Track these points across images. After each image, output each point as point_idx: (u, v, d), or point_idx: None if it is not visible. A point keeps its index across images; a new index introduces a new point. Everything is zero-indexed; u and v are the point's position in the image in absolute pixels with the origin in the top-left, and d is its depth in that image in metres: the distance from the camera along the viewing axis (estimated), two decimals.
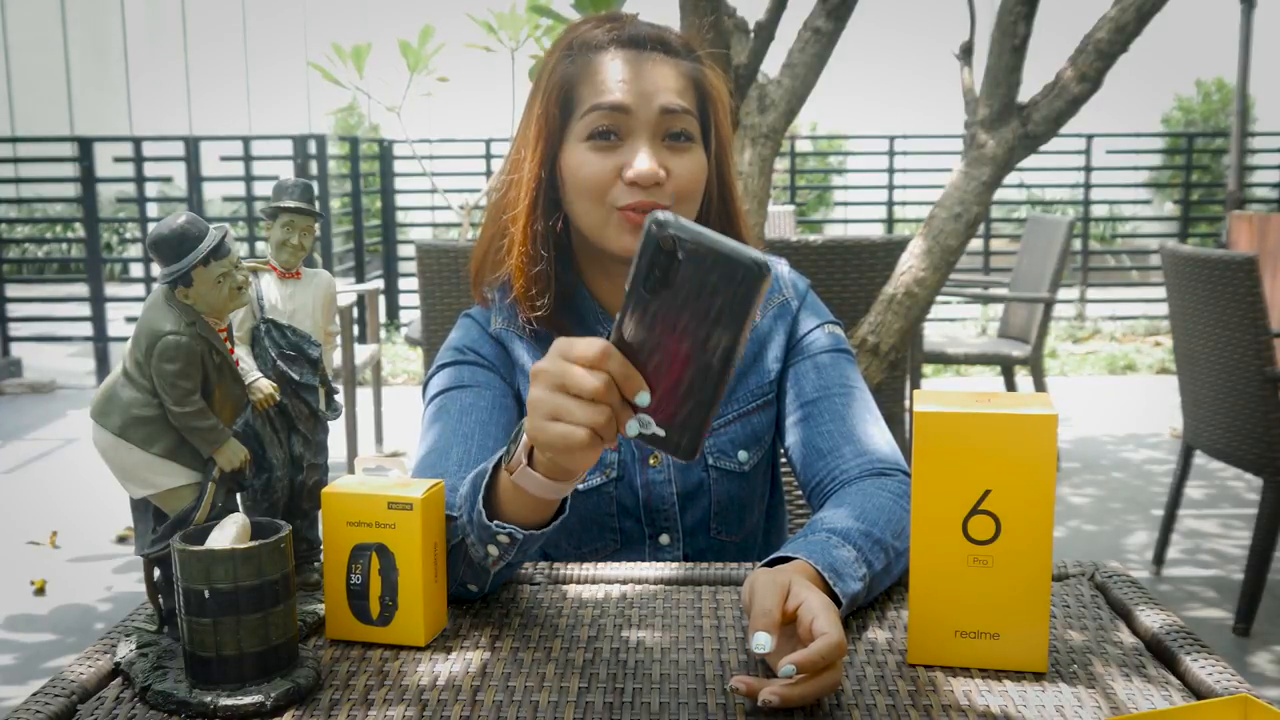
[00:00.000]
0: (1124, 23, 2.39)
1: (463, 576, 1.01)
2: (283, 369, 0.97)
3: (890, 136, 8.13)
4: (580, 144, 1.18)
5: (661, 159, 1.17)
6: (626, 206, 1.16)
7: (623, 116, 1.16)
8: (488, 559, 0.97)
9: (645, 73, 1.17)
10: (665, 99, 1.17)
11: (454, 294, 3.10)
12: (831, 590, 0.94)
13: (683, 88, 1.19)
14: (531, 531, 0.95)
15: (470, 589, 1.02)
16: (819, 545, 0.99)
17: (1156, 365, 6.80)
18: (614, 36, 1.19)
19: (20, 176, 7.93)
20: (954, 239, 2.51)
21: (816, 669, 0.81)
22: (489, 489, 0.96)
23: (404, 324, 7.83)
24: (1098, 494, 4.30)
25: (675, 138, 1.18)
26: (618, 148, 1.17)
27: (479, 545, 0.97)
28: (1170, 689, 0.85)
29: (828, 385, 1.25)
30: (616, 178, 1.16)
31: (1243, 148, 7.13)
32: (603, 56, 1.18)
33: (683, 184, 1.18)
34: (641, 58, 1.18)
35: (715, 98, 1.23)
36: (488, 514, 0.95)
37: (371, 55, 4.92)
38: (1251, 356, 2.83)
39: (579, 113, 1.18)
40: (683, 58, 1.21)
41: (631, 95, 1.16)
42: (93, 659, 0.90)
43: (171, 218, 0.85)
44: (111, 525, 3.93)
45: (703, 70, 1.22)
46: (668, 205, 1.18)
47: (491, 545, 0.96)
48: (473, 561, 0.99)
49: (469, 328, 1.29)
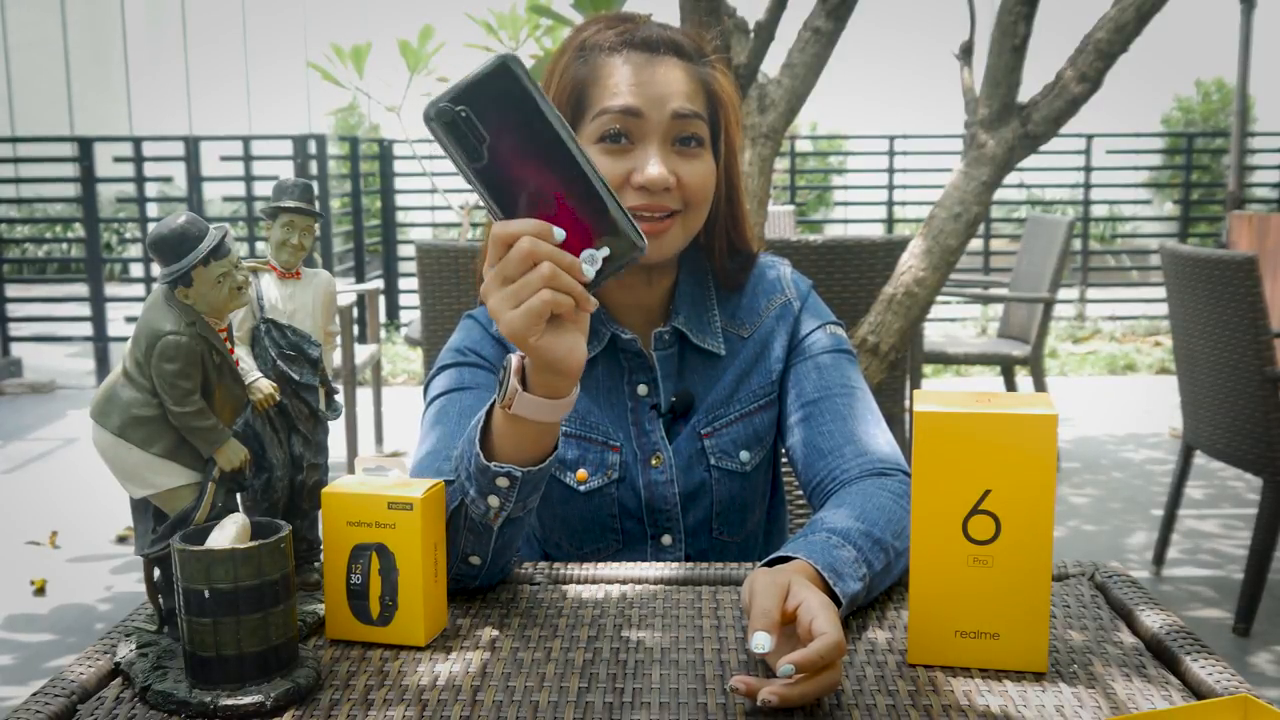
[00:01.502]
0: (1124, 23, 2.39)
1: (464, 548, 1.01)
2: (283, 369, 0.97)
3: (890, 136, 8.12)
4: (590, 146, 1.18)
5: (671, 164, 1.17)
6: (633, 208, 1.16)
7: (634, 120, 1.16)
8: (488, 513, 0.98)
9: (657, 76, 1.17)
10: (677, 103, 1.17)
11: (454, 294, 3.10)
12: (831, 590, 0.94)
13: (693, 92, 1.19)
14: (529, 469, 0.96)
15: (472, 562, 1.02)
16: (819, 545, 0.98)
17: (1156, 365, 6.80)
18: (626, 39, 1.19)
19: (20, 176, 7.93)
20: (954, 239, 2.51)
21: (815, 668, 0.81)
22: (484, 435, 0.97)
23: (404, 324, 7.83)
24: (1098, 494, 4.30)
25: (685, 142, 1.18)
26: (629, 151, 1.17)
27: (479, 499, 0.98)
28: (1170, 689, 0.85)
29: (829, 385, 1.25)
30: (625, 181, 1.17)
31: (1243, 148, 7.13)
32: (614, 59, 1.18)
33: (692, 190, 1.18)
34: (654, 61, 1.18)
35: (725, 102, 1.23)
36: (485, 457, 0.96)
37: (371, 55, 4.92)
38: (1251, 356, 2.83)
39: (590, 114, 1.18)
40: (694, 61, 1.21)
41: (643, 99, 1.16)
42: (93, 659, 0.90)
43: (171, 218, 0.85)
44: (111, 525, 3.93)
45: (714, 75, 1.22)
46: (676, 210, 1.18)
47: (492, 495, 0.97)
48: (474, 526, 0.99)
49: (471, 329, 1.29)
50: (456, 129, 0.83)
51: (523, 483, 0.97)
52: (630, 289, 1.25)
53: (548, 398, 0.93)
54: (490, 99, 0.83)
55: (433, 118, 0.83)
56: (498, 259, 0.87)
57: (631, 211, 1.16)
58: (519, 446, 0.96)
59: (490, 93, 0.83)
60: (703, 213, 1.21)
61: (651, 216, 1.17)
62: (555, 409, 0.93)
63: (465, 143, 0.83)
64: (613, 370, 1.26)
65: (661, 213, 1.17)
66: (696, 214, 1.21)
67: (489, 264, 0.89)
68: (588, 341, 1.25)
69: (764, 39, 2.43)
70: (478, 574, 1.04)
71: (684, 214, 1.19)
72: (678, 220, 1.19)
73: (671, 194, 1.17)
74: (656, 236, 1.18)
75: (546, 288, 0.86)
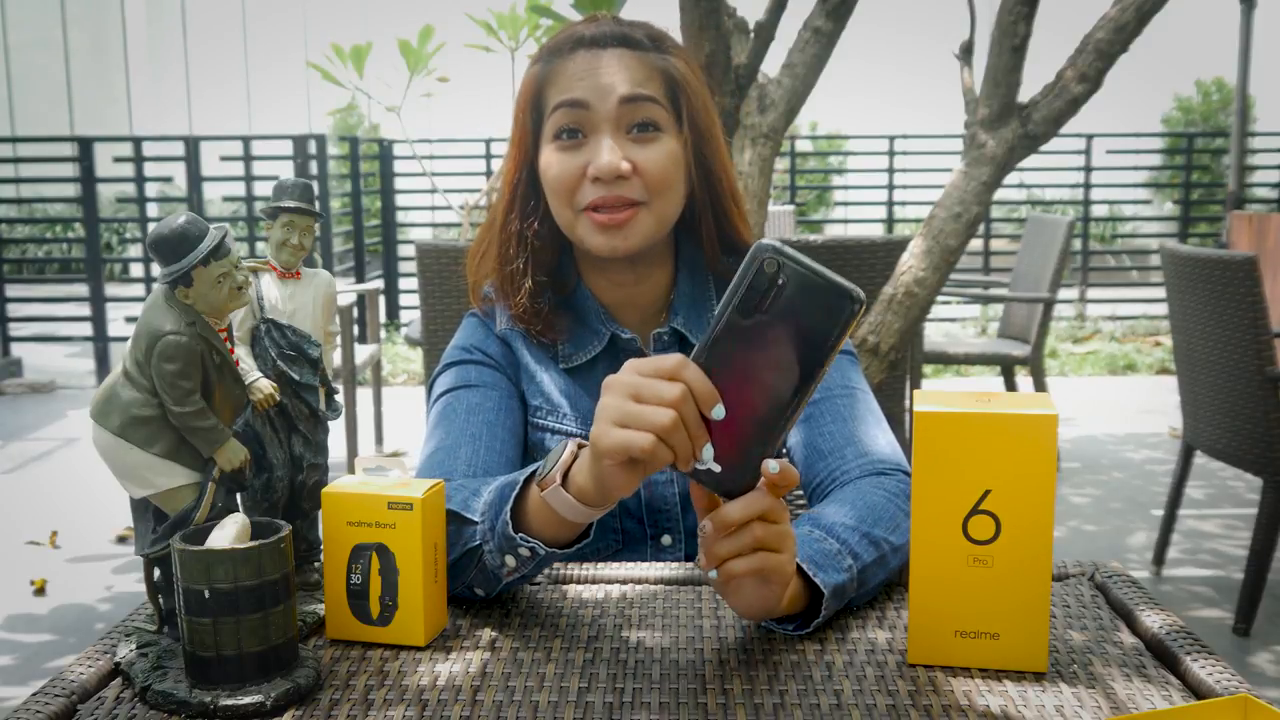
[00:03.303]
0: (1124, 23, 2.39)
1: (471, 581, 1.00)
2: (283, 369, 0.97)
3: (890, 136, 8.12)
4: (549, 145, 1.19)
5: (626, 151, 1.16)
6: (591, 205, 1.16)
7: (583, 112, 1.17)
8: (503, 569, 0.97)
9: (603, 67, 1.17)
10: (623, 89, 1.16)
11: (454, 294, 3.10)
12: (812, 582, 0.94)
13: (644, 77, 1.18)
14: (554, 550, 0.94)
15: (476, 592, 1.02)
16: (800, 539, 0.99)
17: (1156, 365, 6.80)
18: (580, 36, 1.20)
19: (20, 176, 7.93)
20: (954, 239, 2.51)
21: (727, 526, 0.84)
22: (516, 501, 0.95)
23: (404, 324, 7.83)
24: (1098, 494, 4.30)
25: (642, 128, 1.17)
26: (582, 145, 1.17)
27: (497, 554, 0.96)
28: (1170, 689, 0.85)
29: (830, 386, 1.24)
30: (583, 177, 1.16)
31: (1243, 148, 7.13)
32: (568, 58, 1.19)
33: (652, 175, 1.17)
34: (601, 54, 1.19)
35: (685, 85, 1.21)
36: (513, 525, 0.94)
37: (371, 55, 4.92)
38: (1251, 356, 2.83)
39: (546, 114, 1.19)
40: (649, 50, 1.20)
41: (589, 90, 1.16)
42: (93, 659, 0.90)
43: (171, 218, 0.85)
44: (111, 525, 3.93)
45: (670, 60, 1.21)
46: (639, 200, 1.17)
47: (510, 557, 0.95)
48: (485, 571, 0.98)
49: (475, 327, 1.29)
50: (761, 279, 0.78)
51: (544, 559, 0.95)
52: (620, 286, 1.25)
53: (580, 502, 0.89)
54: (806, 298, 0.77)
55: (763, 253, 0.78)
56: (654, 375, 0.82)
57: (588, 209, 1.16)
58: (547, 525, 0.93)
59: (812, 294, 0.77)
60: (671, 198, 1.20)
61: (611, 208, 1.16)
62: (586, 514, 0.90)
63: (750, 295, 0.78)
64: (612, 370, 1.26)
65: (622, 204, 1.16)
66: (664, 201, 1.19)
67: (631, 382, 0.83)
68: (588, 341, 1.26)
69: (764, 39, 2.43)
70: (479, 599, 1.04)
71: (649, 203, 1.18)
72: (642, 210, 1.17)
73: (630, 182, 1.16)
74: (620, 227, 1.16)
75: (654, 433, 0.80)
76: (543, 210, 1.23)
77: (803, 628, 0.95)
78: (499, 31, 4.47)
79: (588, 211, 1.17)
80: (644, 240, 1.19)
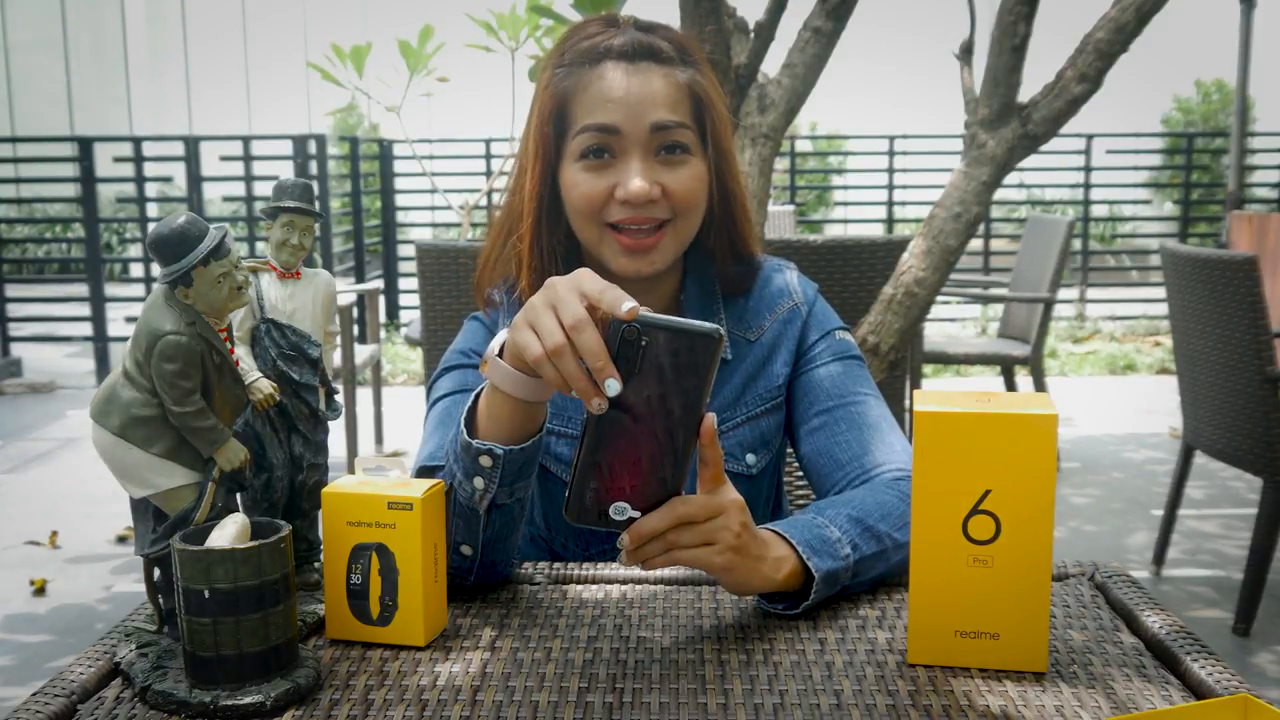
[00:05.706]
0: (1124, 23, 2.39)
1: (455, 536, 1.01)
2: (283, 369, 0.97)
3: (890, 136, 8.12)
4: (574, 163, 1.18)
5: (655, 175, 1.16)
6: (620, 221, 1.16)
7: (613, 136, 1.16)
8: (474, 495, 0.99)
9: (634, 88, 1.16)
10: (655, 115, 1.15)
11: (454, 294, 3.10)
12: (805, 566, 0.97)
13: (675, 100, 1.17)
14: (511, 448, 0.96)
15: (464, 552, 1.02)
16: (801, 523, 1.01)
17: (1156, 365, 6.80)
18: (606, 47, 1.18)
19: (20, 176, 7.94)
20: (954, 239, 2.51)
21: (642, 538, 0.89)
22: (470, 415, 0.99)
23: (404, 324, 7.83)
24: (1098, 494, 4.30)
25: (670, 150, 1.17)
26: (610, 166, 1.17)
27: (465, 482, 0.98)
28: (1170, 689, 0.85)
29: (842, 394, 1.24)
30: (609, 197, 1.16)
31: (1243, 148, 7.13)
32: (594, 72, 1.17)
33: (680, 198, 1.17)
34: (632, 71, 1.16)
35: (710, 105, 1.21)
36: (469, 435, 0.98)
37: (371, 55, 4.91)
38: (1251, 356, 2.83)
39: (572, 131, 1.18)
40: (676, 64, 1.19)
41: (620, 114, 1.15)
42: (93, 659, 0.90)
43: (171, 218, 0.85)
44: (111, 525, 3.93)
45: (697, 78, 1.20)
46: (667, 220, 1.18)
47: (477, 477, 0.98)
48: (462, 512, 1.00)
49: (475, 330, 1.29)
50: (626, 347, 0.85)
51: (505, 462, 0.97)
52: (631, 293, 1.25)
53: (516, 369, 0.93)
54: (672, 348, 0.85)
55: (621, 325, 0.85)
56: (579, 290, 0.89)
57: (618, 225, 1.16)
58: (501, 423, 0.96)
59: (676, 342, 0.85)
60: (694, 218, 1.21)
61: (639, 230, 1.17)
62: (524, 387, 0.94)
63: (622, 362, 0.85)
64: None
65: (650, 224, 1.17)
66: (688, 220, 1.20)
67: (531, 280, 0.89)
68: None
69: (764, 39, 2.42)
70: (471, 567, 1.03)
71: (674, 222, 1.18)
72: (668, 230, 1.18)
73: (659, 204, 1.16)
74: (647, 251, 1.17)
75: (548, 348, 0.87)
76: (564, 224, 1.23)
77: (793, 608, 0.97)
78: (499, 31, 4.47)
79: (613, 231, 1.17)
80: (667, 263, 1.20)
